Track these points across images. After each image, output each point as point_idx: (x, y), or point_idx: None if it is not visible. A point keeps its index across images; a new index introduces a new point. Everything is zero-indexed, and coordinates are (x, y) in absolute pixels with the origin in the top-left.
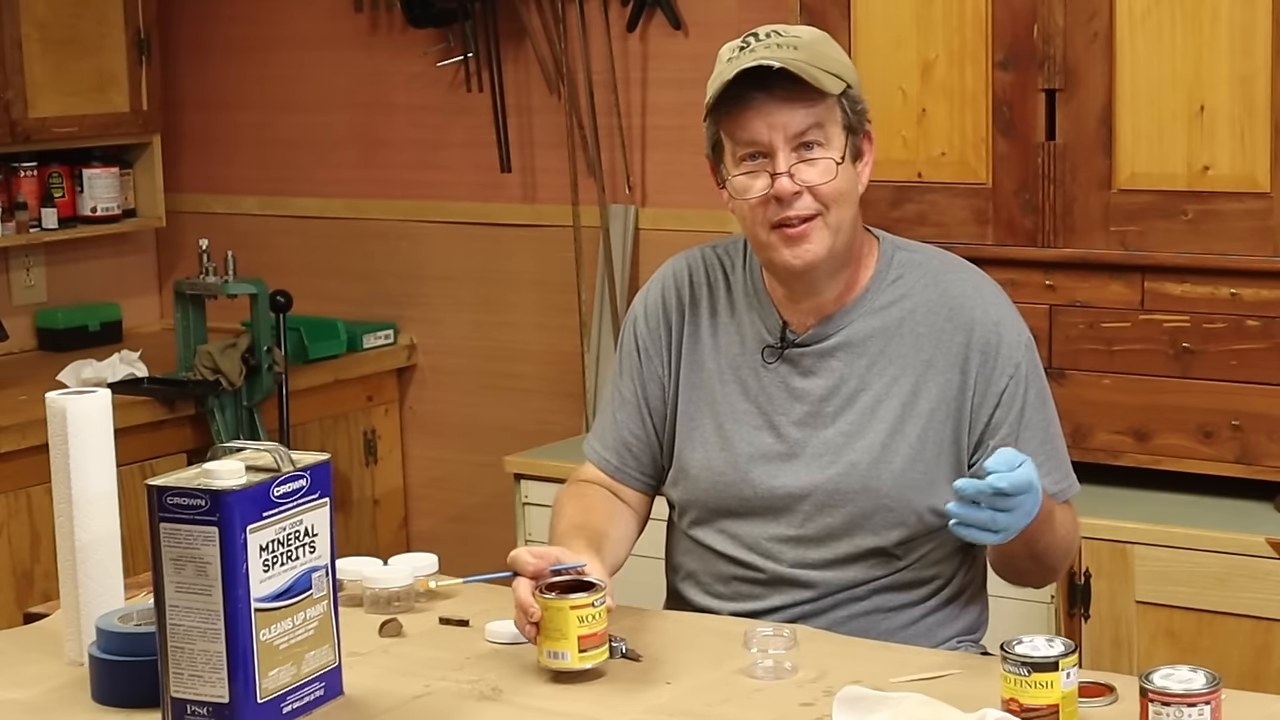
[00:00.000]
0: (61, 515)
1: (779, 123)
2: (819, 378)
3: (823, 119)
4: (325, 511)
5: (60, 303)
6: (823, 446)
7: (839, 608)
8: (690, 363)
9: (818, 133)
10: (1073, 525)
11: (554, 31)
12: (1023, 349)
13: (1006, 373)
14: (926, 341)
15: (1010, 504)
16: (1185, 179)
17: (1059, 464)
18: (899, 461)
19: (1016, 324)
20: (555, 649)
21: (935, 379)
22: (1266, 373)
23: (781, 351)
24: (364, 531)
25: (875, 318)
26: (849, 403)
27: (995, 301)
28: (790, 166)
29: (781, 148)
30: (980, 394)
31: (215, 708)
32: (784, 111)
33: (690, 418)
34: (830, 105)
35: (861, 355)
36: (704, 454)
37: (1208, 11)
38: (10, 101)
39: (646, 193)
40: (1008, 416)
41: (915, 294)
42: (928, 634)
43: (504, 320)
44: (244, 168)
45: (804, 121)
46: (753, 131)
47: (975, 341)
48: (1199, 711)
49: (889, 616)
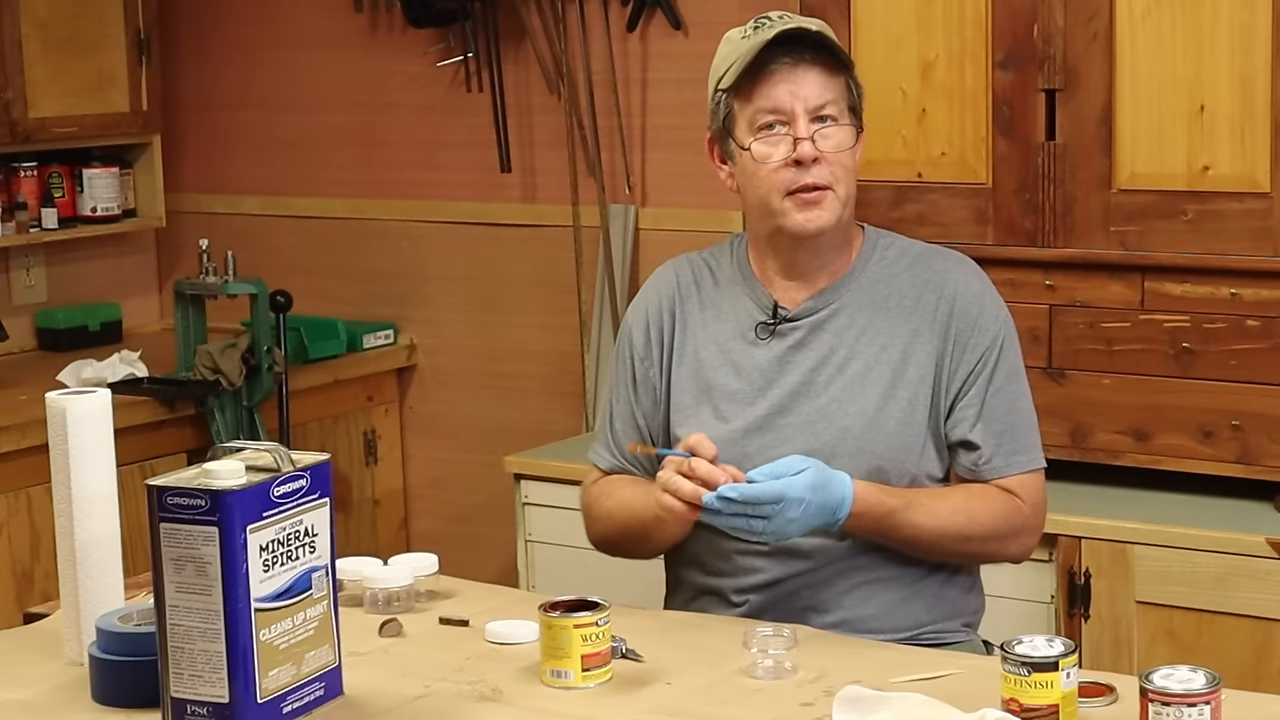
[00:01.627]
0: (61, 515)
1: (802, 92)
2: (810, 349)
3: (838, 95)
4: (325, 511)
5: (60, 303)
6: (816, 414)
7: (840, 577)
8: (682, 356)
9: (834, 107)
10: (994, 506)
11: (554, 31)
12: (1001, 324)
13: (983, 343)
14: (913, 313)
15: (764, 511)
16: (1185, 179)
17: (1019, 437)
18: (891, 425)
19: (996, 302)
20: (558, 668)
21: (922, 346)
22: (1266, 373)
23: (774, 327)
24: (364, 531)
25: (863, 292)
26: (840, 370)
27: (977, 280)
28: (810, 134)
29: (802, 115)
30: (956, 360)
31: (215, 708)
32: (807, 81)
33: (686, 407)
34: (843, 82)
35: (850, 326)
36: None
37: (1208, 11)
38: (10, 101)
39: (646, 193)
40: (975, 383)
41: (901, 271)
42: (928, 606)
43: (504, 320)
44: (244, 168)
45: (824, 94)
46: (776, 99)
47: (957, 311)
48: (1199, 711)
49: (888, 585)
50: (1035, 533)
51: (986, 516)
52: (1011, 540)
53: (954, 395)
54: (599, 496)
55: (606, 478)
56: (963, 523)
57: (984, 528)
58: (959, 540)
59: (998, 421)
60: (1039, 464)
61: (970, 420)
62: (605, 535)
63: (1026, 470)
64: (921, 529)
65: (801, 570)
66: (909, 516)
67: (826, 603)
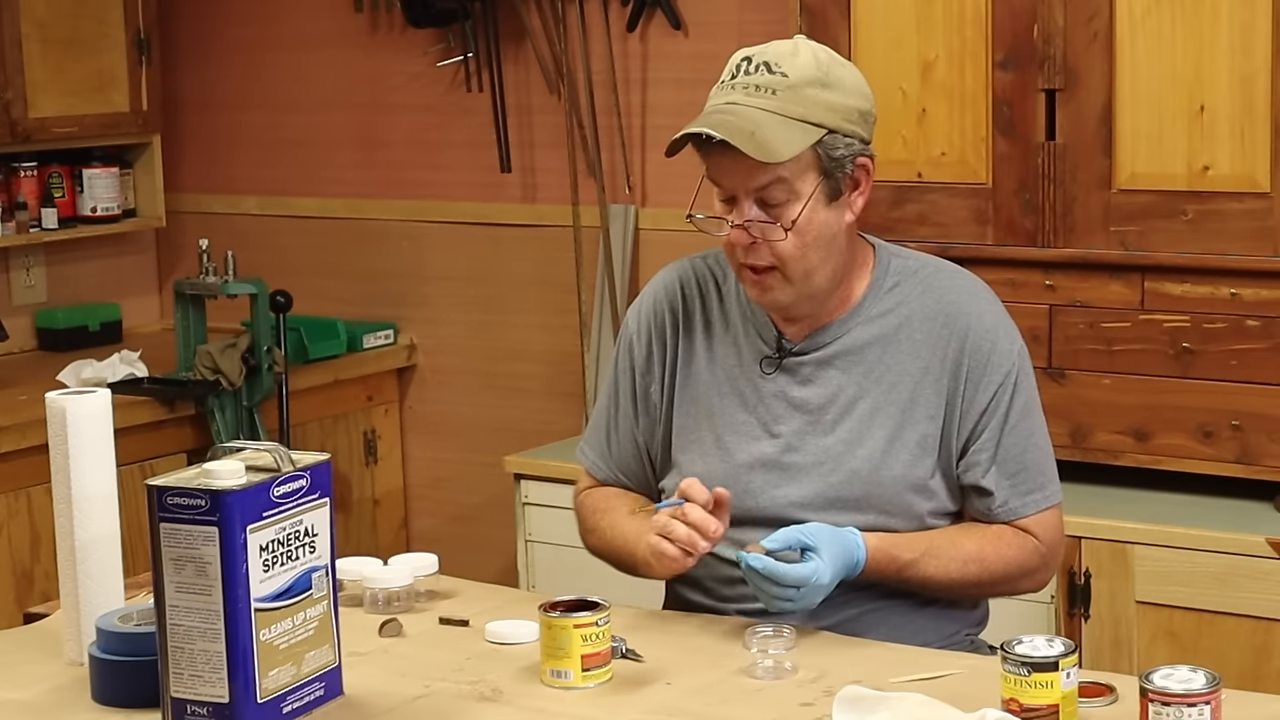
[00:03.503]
0: (61, 515)
1: (739, 177)
2: (817, 386)
3: (787, 173)
4: (325, 511)
5: (60, 303)
6: (823, 454)
7: (845, 607)
8: (685, 376)
9: (779, 189)
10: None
11: (554, 31)
12: (1015, 356)
13: (996, 380)
14: (923, 348)
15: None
16: (1185, 179)
17: (1035, 475)
18: (899, 467)
19: (1010, 332)
20: (558, 668)
21: (931, 384)
22: (1266, 373)
23: (779, 362)
24: (364, 531)
25: (872, 326)
26: (848, 410)
27: (991, 309)
28: (749, 218)
29: (744, 198)
30: (968, 400)
31: (215, 708)
32: (741, 167)
33: (688, 430)
34: (796, 159)
35: (859, 363)
36: (704, 466)
37: (1208, 11)
38: (10, 101)
39: (646, 193)
40: (990, 422)
41: (911, 301)
42: (935, 629)
43: (504, 320)
44: (244, 168)
45: (763, 178)
46: (718, 175)
47: (969, 347)
48: (1199, 711)
49: (896, 611)
50: (1051, 569)
51: (999, 564)
52: (1025, 580)
53: (966, 437)
54: (593, 509)
55: (600, 488)
56: (975, 572)
57: (996, 574)
58: (970, 587)
59: (1012, 462)
60: (1055, 500)
61: (984, 465)
62: (596, 549)
63: (1042, 509)
64: (932, 580)
65: None
66: (920, 571)
67: (831, 627)
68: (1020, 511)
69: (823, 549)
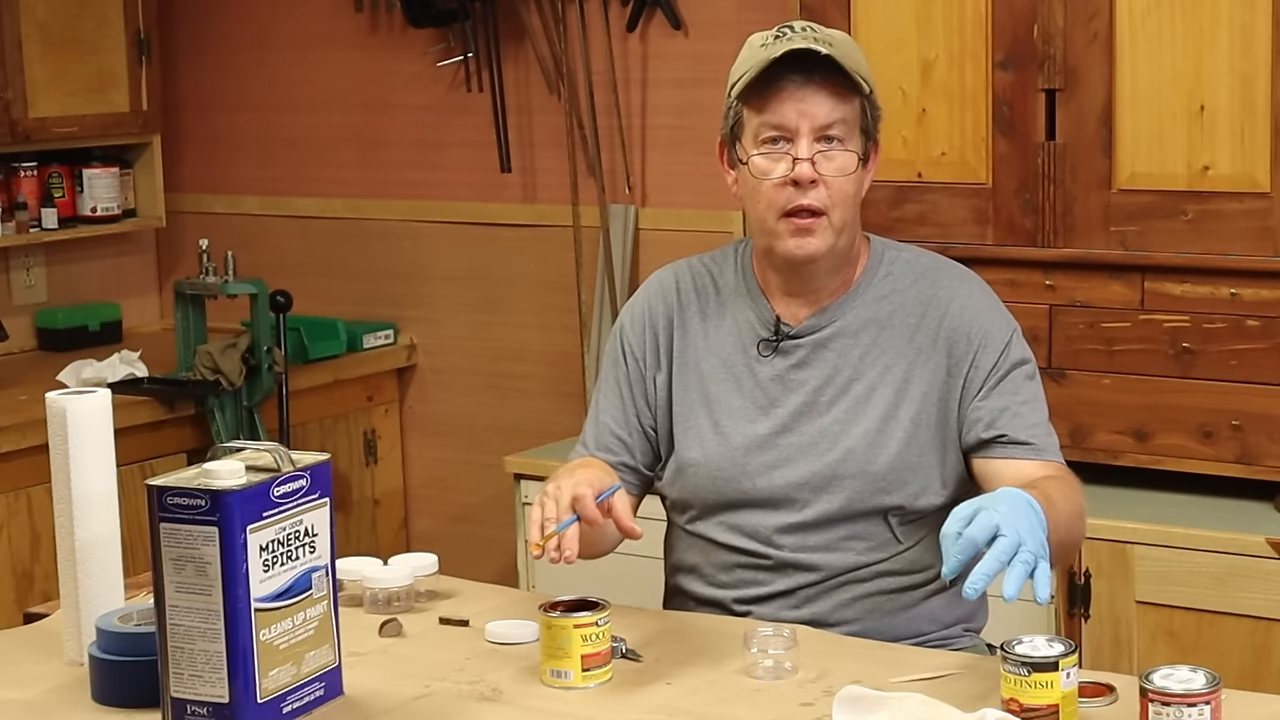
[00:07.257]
0: (61, 515)
1: (809, 110)
2: (814, 368)
3: (847, 116)
4: (325, 511)
5: (60, 303)
6: (818, 434)
7: (843, 589)
8: (681, 366)
9: (841, 128)
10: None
11: (554, 31)
12: (1010, 331)
13: (995, 350)
14: (917, 331)
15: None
16: (1185, 179)
17: (1049, 433)
18: (893, 446)
19: (1002, 313)
20: (558, 668)
21: (925, 365)
22: (1266, 373)
23: (776, 344)
24: (364, 531)
25: (867, 309)
26: (843, 391)
27: (982, 294)
28: (811, 155)
29: (805, 135)
30: (970, 378)
31: (215, 708)
32: (816, 100)
33: (685, 418)
34: (855, 105)
35: (855, 345)
36: (701, 450)
37: (1208, 11)
38: (10, 101)
39: (646, 193)
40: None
41: (905, 288)
42: (931, 617)
43: (504, 320)
44: (244, 168)
45: (832, 114)
46: (782, 115)
47: (962, 328)
48: (1199, 711)
49: (892, 598)
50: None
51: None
52: (1081, 522)
53: (970, 407)
54: None
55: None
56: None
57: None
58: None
59: (1037, 425)
60: None
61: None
62: None
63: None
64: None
65: (804, 584)
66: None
67: (829, 615)
68: (1045, 454)
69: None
